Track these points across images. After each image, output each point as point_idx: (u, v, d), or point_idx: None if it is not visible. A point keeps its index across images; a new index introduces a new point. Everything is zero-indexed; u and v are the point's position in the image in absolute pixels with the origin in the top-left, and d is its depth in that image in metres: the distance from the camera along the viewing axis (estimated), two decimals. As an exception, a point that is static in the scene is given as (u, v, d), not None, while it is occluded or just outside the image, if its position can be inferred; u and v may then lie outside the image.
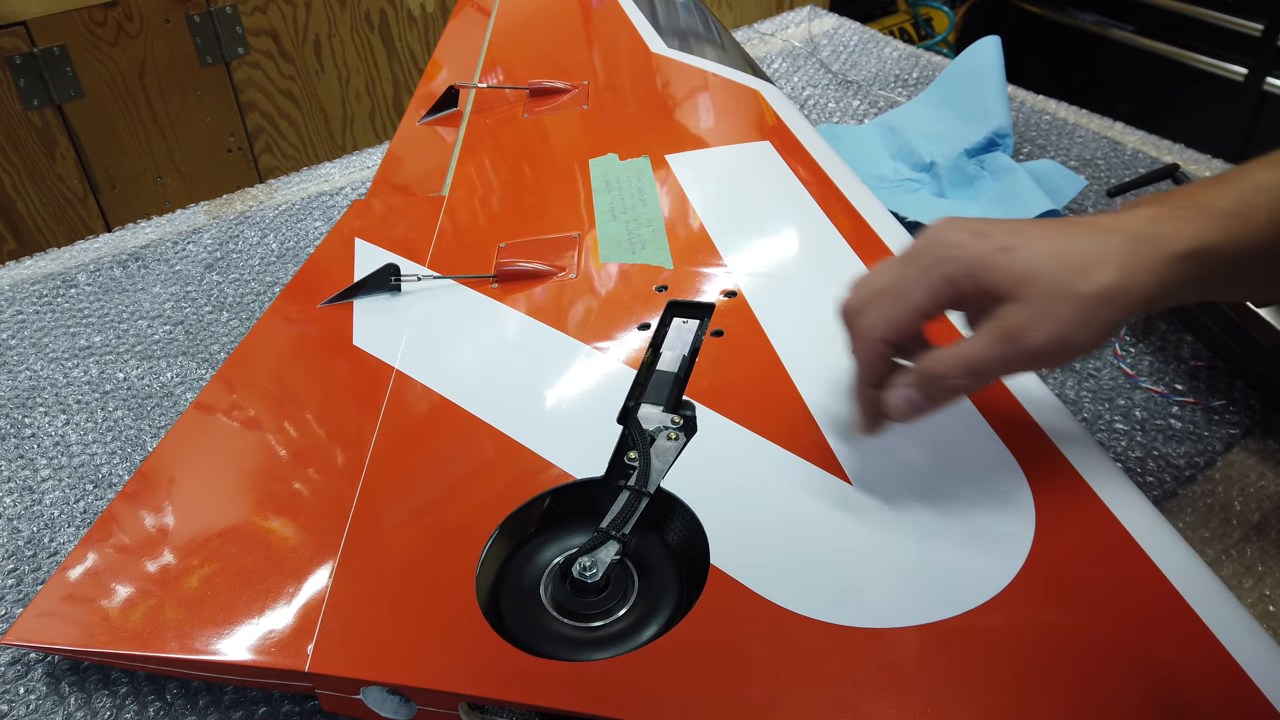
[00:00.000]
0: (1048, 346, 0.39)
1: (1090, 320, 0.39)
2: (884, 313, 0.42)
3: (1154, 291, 0.39)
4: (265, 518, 0.49)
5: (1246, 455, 0.57)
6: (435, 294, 0.63)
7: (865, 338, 0.43)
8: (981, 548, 0.42)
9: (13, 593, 0.53)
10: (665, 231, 0.65)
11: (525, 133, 0.81)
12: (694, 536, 0.45)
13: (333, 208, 0.87)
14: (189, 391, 0.67)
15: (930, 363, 0.42)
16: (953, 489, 0.45)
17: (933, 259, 0.41)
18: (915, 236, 0.43)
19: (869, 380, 0.44)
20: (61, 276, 0.79)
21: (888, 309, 0.42)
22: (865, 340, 0.43)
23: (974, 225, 0.41)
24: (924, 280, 0.41)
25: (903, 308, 0.42)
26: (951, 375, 0.41)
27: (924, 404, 0.42)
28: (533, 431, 0.51)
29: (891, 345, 0.42)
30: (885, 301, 0.42)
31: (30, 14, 1.43)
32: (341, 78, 1.78)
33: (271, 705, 0.46)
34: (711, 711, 0.38)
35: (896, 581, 0.41)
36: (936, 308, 0.42)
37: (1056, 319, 0.39)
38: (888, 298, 0.42)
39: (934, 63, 1.08)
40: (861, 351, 0.44)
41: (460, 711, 0.41)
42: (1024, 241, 0.40)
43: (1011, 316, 0.39)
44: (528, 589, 0.44)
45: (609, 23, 0.97)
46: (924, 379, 0.42)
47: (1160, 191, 0.47)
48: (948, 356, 0.41)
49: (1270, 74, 1.86)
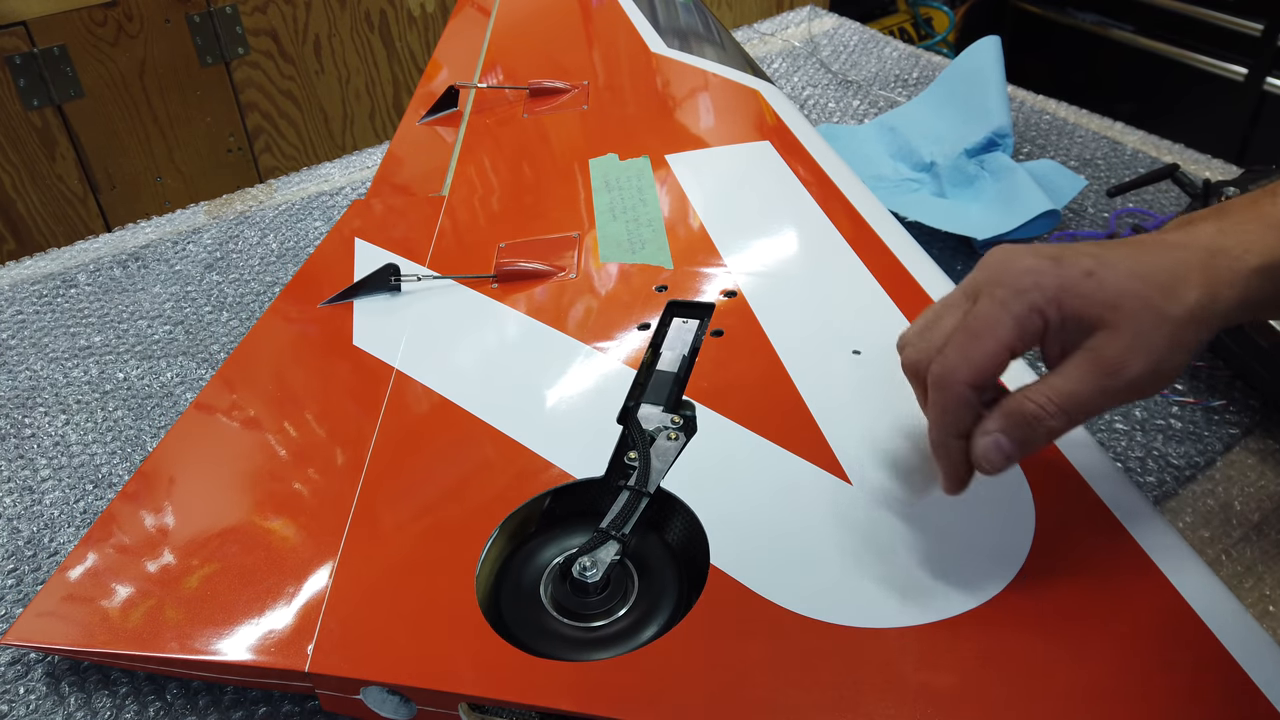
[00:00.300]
0: (1146, 376, 0.36)
1: (1181, 343, 0.37)
2: (967, 355, 0.38)
3: (1235, 308, 0.37)
4: (265, 518, 0.49)
5: (1246, 455, 0.57)
6: (435, 294, 0.63)
7: (946, 385, 0.38)
8: (981, 548, 0.42)
9: (13, 593, 0.53)
10: (665, 231, 0.65)
11: (525, 133, 0.81)
12: (694, 536, 0.45)
13: (333, 208, 0.87)
14: (189, 391, 0.67)
15: (1021, 405, 0.38)
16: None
17: (1012, 291, 0.37)
18: (976, 264, 0.40)
19: (955, 431, 0.39)
20: (61, 276, 0.79)
21: (971, 350, 0.38)
22: (947, 388, 0.38)
23: (1043, 250, 0.38)
24: (1007, 314, 0.37)
25: (989, 346, 0.37)
26: (1048, 417, 0.37)
27: (1016, 452, 0.38)
28: (533, 431, 0.51)
29: (977, 390, 0.38)
30: (965, 342, 0.38)
31: (30, 14, 1.43)
32: (341, 78, 1.78)
33: (271, 705, 0.46)
34: (711, 711, 0.38)
35: (896, 581, 0.41)
36: (1024, 344, 0.38)
37: (1151, 346, 0.36)
38: (968, 338, 0.38)
39: (934, 63, 1.08)
40: (944, 401, 0.39)
41: (460, 711, 0.41)
42: (1105, 264, 0.37)
43: (1106, 347, 0.36)
44: (528, 589, 0.44)
45: (609, 23, 0.97)
46: (1017, 423, 0.38)
47: (1218, 205, 0.45)
48: (1041, 397, 0.37)
49: (1270, 74, 1.86)
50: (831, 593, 0.41)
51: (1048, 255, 0.38)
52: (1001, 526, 0.43)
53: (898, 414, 0.47)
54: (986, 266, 0.39)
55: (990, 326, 0.38)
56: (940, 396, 0.39)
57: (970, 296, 0.39)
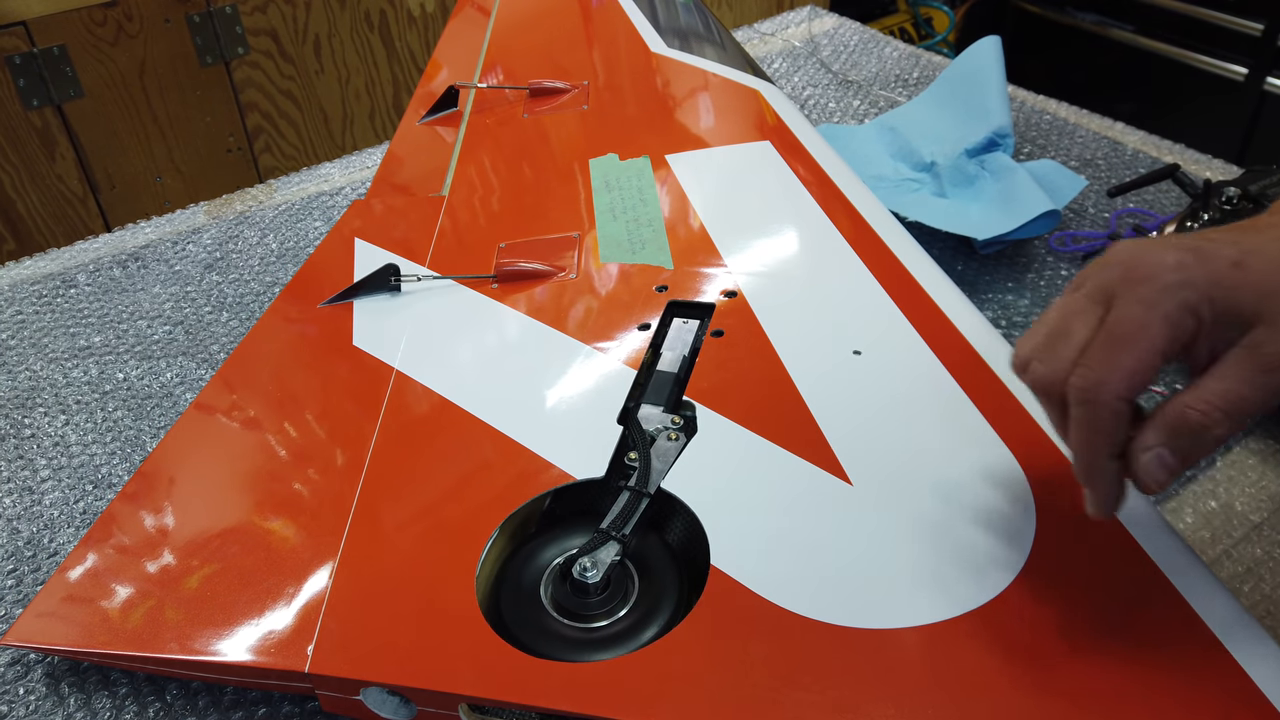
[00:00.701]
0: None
1: None
2: (1117, 365, 0.34)
3: None
4: (265, 518, 0.49)
5: (1246, 455, 0.57)
6: (435, 294, 0.63)
7: (1098, 400, 0.35)
8: (982, 548, 0.42)
9: (12, 593, 0.53)
10: (665, 231, 0.65)
11: (525, 133, 0.81)
12: (694, 537, 0.44)
13: (332, 208, 0.87)
14: (189, 392, 0.67)
15: (1183, 414, 0.34)
16: (953, 489, 0.45)
17: (1158, 289, 0.34)
18: (1094, 266, 0.36)
19: (1112, 450, 0.36)
20: (61, 277, 0.79)
21: (1121, 359, 0.34)
22: (1099, 403, 0.35)
23: (1179, 243, 0.35)
24: (1156, 315, 0.34)
25: (1140, 352, 0.34)
26: (1214, 424, 0.34)
27: (1180, 466, 0.35)
28: (533, 432, 0.51)
29: (1131, 403, 0.35)
30: (1111, 351, 0.34)
31: (30, 14, 1.43)
32: (341, 78, 1.78)
33: (271, 706, 0.46)
34: (711, 711, 0.38)
35: (896, 582, 0.41)
36: (1176, 347, 0.35)
37: None
38: (1114, 346, 0.34)
39: (934, 63, 1.08)
40: (1094, 418, 0.35)
41: (460, 712, 0.41)
42: (1250, 252, 0.34)
43: (1268, 343, 0.33)
44: (528, 589, 0.44)
45: (609, 23, 0.97)
46: (1181, 433, 0.34)
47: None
48: (1202, 402, 0.34)
49: (1270, 74, 1.86)
50: (831, 593, 0.41)
51: (1187, 247, 0.35)
52: (1002, 527, 0.43)
53: (898, 414, 0.47)
54: (1115, 264, 0.36)
55: (1138, 331, 0.34)
56: (1089, 413, 0.35)
57: (1102, 300, 0.36)
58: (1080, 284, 0.37)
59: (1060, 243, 0.76)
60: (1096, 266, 0.37)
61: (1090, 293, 0.36)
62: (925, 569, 0.42)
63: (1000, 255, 0.75)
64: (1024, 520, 0.43)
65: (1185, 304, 0.34)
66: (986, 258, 0.75)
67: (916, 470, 0.46)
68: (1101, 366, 0.35)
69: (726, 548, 0.43)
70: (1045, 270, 0.74)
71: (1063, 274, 0.73)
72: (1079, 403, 0.35)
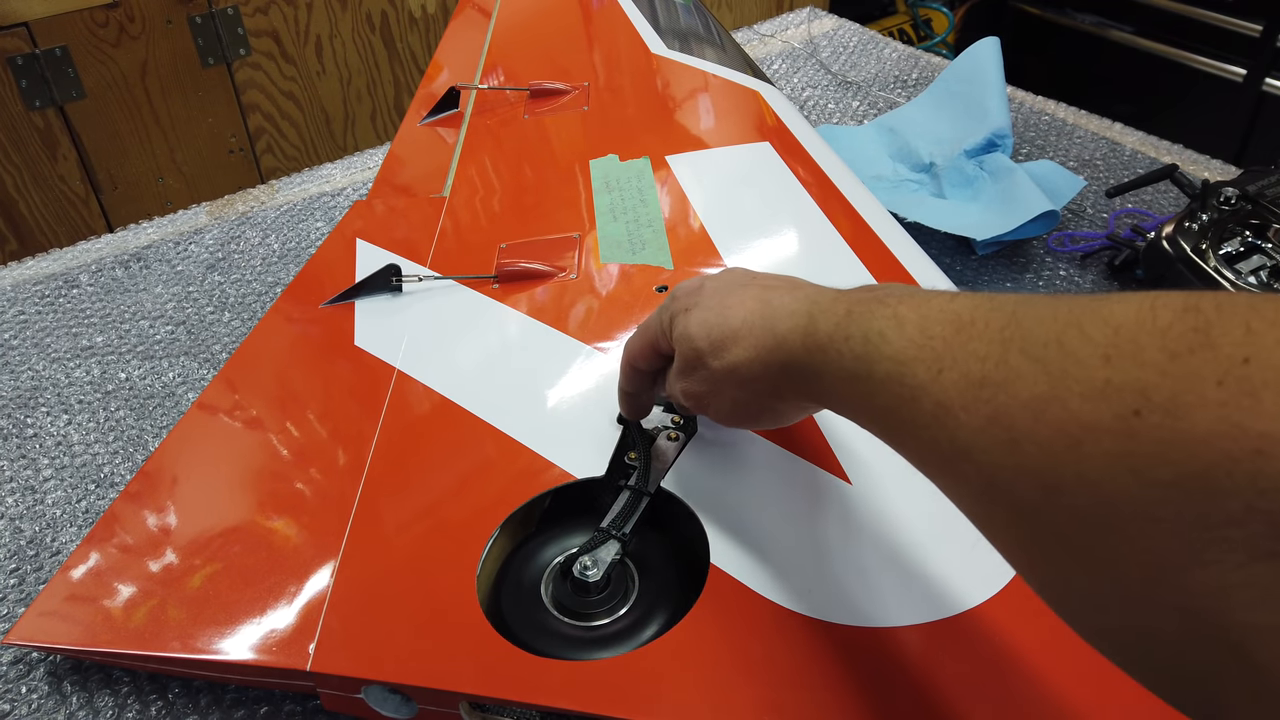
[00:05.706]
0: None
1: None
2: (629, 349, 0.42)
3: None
4: (267, 517, 0.49)
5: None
6: (436, 294, 0.63)
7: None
8: (981, 547, 0.42)
9: (15, 592, 0.53)
10: (665, 232, 0.65)
11: (526, 134, 0.81)
12: (694, 536, 0.45)
13: (334, 208, 0.87)
14: (191, 392, 0.67)
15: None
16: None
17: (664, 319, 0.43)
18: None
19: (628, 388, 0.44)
20: (63, 277, 0.80)
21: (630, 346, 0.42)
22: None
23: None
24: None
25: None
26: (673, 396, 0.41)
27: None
28: (534, 431, 0.51)
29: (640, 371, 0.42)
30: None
31: (32, 15, 1.43)
32: (343, 79, 1.78)
33: (273, 704, 0.46)
34: (711, 711, 0.38)
35: (896, 581, 0.42)
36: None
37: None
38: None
39: (933, 64, 1.08)
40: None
41: (461, 710, 0.41)
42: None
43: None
44: (528, 588, 0.44)
45: (609, 24, 0.98)
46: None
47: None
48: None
49: (1269, 74, 1.86)
50: (831, 592, 0.41)
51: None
52: (1000, 526, 0.43)
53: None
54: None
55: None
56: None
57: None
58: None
59: (1059, 243, 0.76)
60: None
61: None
62: (924, 568, 0.42)
63: (999, 255, 0.76)
64: (1022, 519, 0.43)
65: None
66: (985, 258, 0.76)
67: (916, 470, 0.46)
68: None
69: (726, 546, 0.43)
70: (1044, 270, 0.74)
71: (1061, 274, 0.74)
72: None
